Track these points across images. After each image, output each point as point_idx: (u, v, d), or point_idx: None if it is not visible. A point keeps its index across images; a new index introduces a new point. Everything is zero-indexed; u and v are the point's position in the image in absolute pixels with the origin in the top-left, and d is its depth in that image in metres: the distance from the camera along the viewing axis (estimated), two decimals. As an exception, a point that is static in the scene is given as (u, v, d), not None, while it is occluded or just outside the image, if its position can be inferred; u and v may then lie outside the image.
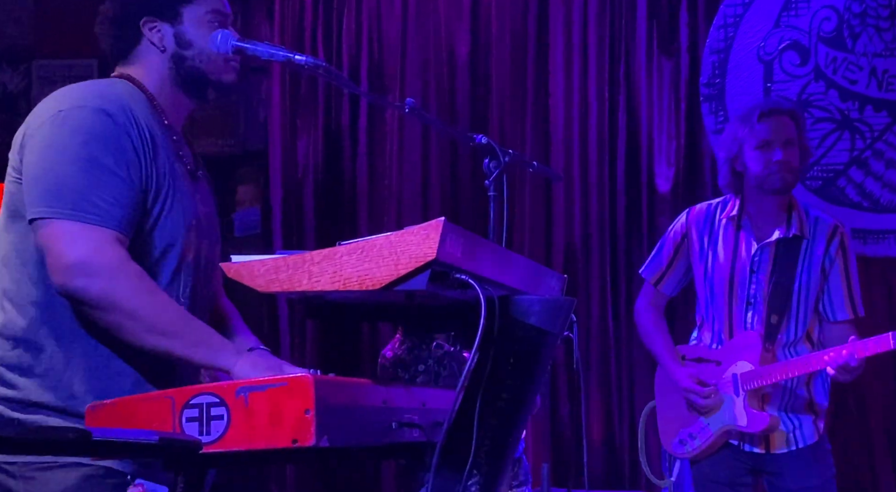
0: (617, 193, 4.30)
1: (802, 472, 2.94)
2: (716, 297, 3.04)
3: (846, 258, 2.97)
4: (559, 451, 4.20)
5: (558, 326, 1.74)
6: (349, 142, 4.62)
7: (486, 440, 1.65)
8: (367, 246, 1.49)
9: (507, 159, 2.30)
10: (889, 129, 4.01)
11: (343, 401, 1.47)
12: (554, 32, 4.41)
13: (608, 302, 4.26)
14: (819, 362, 2.84)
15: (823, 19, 4.09)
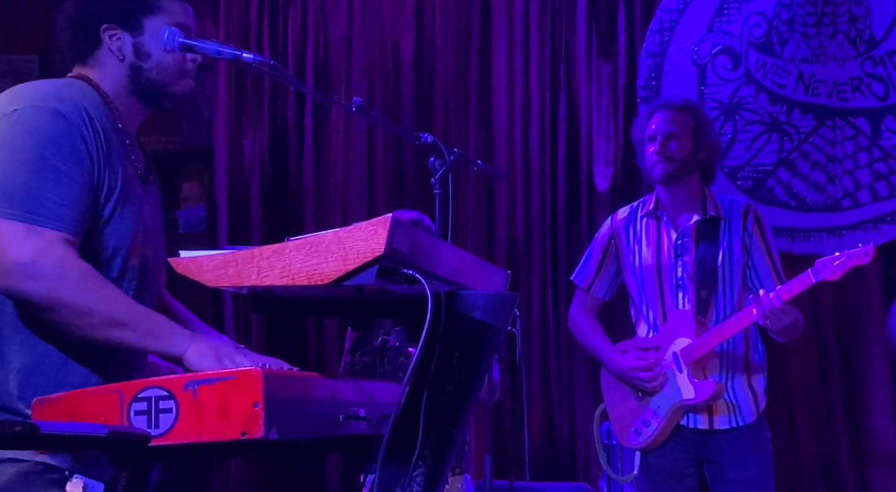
0: (557, 192, 4.33)
1: (742, 460, 2.98)
2: (646, 288, 3.11)
3: (763, 233, 3.07)
4: (501, 443, 4.22)
5: (502, 320, 1.75)
6: (295, 140, 4.58)
7: (431, 432, 1.66)
8: (316, 241, 1.49)
9: (453, 158, 2.31)
10: (815, 131, 4.08)
11: (292, 394, 1.46)
12: (497, 34, 4.42)
13: (549, 298, 4.29)
14: (749, 315, 2.90)
15: (754, 25, 4.15)
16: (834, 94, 4.04)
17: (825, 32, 4.06)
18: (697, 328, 3.00)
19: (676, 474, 3.05)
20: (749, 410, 3.01)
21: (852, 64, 4.03)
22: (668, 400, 3.02)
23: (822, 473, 3.95)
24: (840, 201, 4.03)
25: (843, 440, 3.95)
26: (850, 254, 2.85)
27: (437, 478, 1.69)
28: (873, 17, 4.02)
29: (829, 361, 3.98)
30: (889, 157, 3.99)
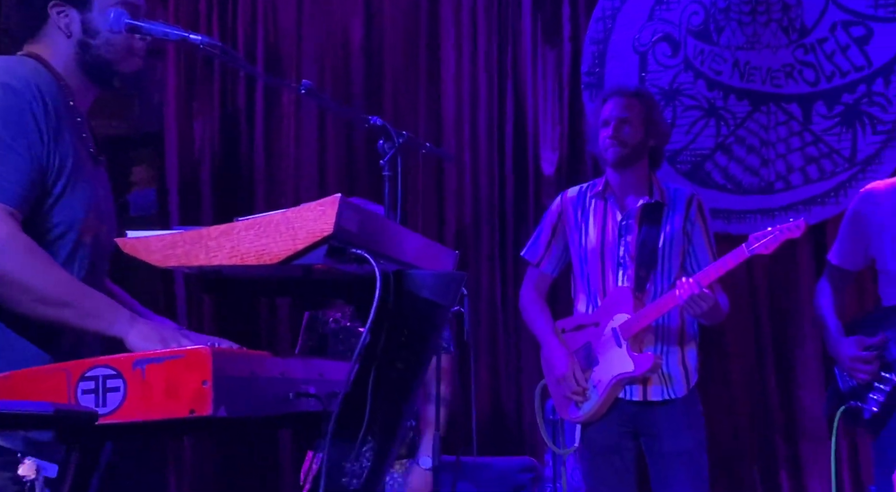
0: (505, 176, 4.33)
1: (676, 434, 3.03)
2: (589, 264, 3.14)
3: (704, 221, 3.13)
4: (451, 420, 4.22)
5: (450, 299, 1.74)
6: (246, 124, 4.52)
7: (380, 409, 1.65)
8: (265, 221, 1.47)
9: (401, 140, 2.30)
10: (750, 116, 4.12)
11: (241, 372, 1.44)
12: (445, 21, 4.40)
13: (497, 278, 4.30)
14: (672, 299, 2.94)
15: (692, 13, 4.18)
16: (768, 81, 4.09)
17: (759, 21, 4.09)
18: (635, 304, 3.03)
19: (615, 448, 3.09)
20: (681, 384, 3.05)
21: (785, 51, 4.07)
22: (608, 374, 3.05)
23: (756, 446, 4.01)
24: (773, 184, 4.08)
25: (777, 415, 4.01)
26: (782, 228, 2.89)
27: (386, 453, 1.69)
28: (804, 7, 4.06)
29: (763, 339, 4.04)
30: (819, 141, 4.04)
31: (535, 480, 3.81)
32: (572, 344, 3.17)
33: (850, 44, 4.01)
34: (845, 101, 4.01)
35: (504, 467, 3.86)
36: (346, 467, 1.64)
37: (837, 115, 4.02)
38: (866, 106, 3.99)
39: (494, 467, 3.86)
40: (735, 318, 3.89)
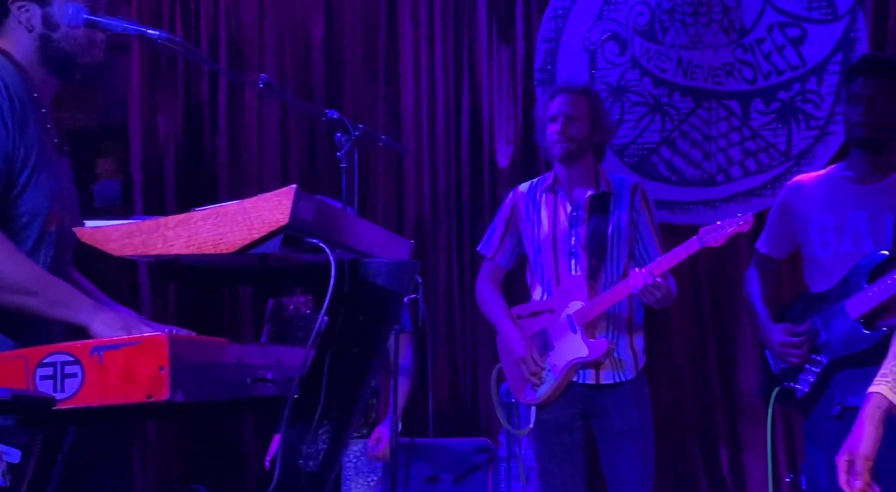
0: (462, 168, 4.33)
1: (625, 414, 3.04)
2: (542, 255, 3.15)
3: (649, 209, 3.15)
4: (408, 402, 4.22)
5: (404, 286, 1.74)
6: (209, 117, 4.48)
7: (336, 393, 1.64)
8: (222, 211, 1.46)
9: (358, 133, 2.29)
10: (693, 112, 4.14)
11: (198, 358, 1.43)
12: (403, 19, 4.38)
13: (454, 267, 4.30)
14: (627, 287, 2.96)
15: (638, 14, 4.19)
16: (709, 79, 4.11)
17: (702, 21, 4.12)
18: (589, 293, 3.04)
19: (567, 428, 3.10)
20: (630, 367, 3.07)
21: (725, 51, 4.10)
22: (563, 358, 3.06)
23: (699, 425, 4.05)
24: (715, 176, 4.11)
25: (718, 395, 4.05)
26: (731, 222, 2.92)
27: (342, 435, 1.68)
28: (744, 8, 4.09)
29: (705, 325, 4.08)
30: (757, 136, 4.08)
31: (490, 460, 3.82)
32: (528, 330, 3.17)
33: (786, 44, 4.04)
34: (781, 99, 4.04)
35: (460, 447, 3.87)
36: (302, 449, 1.63)
37: (774, 112, 4.05)
38: (800, 103, 4.02)
39: (451, 448, 3.87)
40: (679, 303, 3.92)
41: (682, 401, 4.04)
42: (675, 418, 3.98)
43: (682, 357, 4.08)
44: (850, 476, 1.84)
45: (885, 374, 1.87)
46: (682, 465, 4.00)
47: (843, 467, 1.84)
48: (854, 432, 1.86)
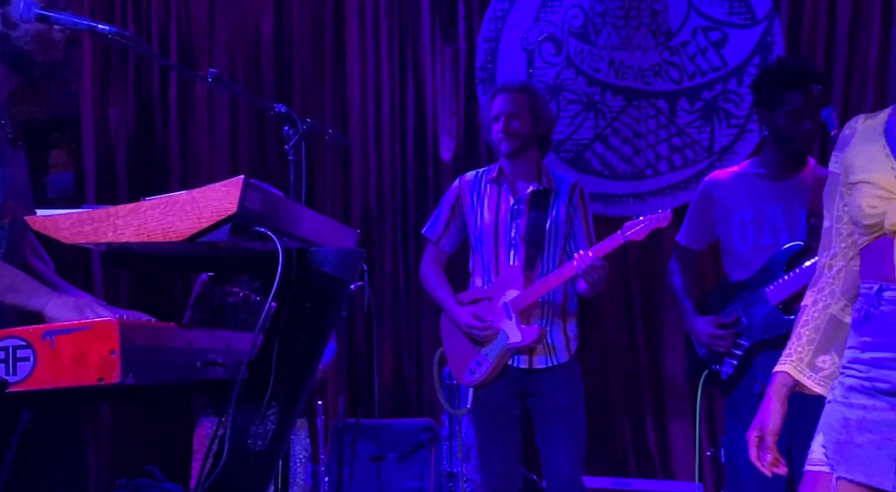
0: (407, 161, 4.33)
1: (557, 393, 3.07)
2: (484, 244, 3.16)
3: (585, 206, 3.18)
4: (355, 386, 4.22)
5: (350, 274, 1.73)
6: (160, 111, 4.40)
7: (284, 376, 1.63)
8: (171, 201, 1.44)
9: (305, 127, 2.26)
10: (624, 110, 4.18)
11: (149, 342, 1.41)
12: (349, 18, 4.35)
13: (399, 256, 4.30)
14: (570, 269, 3.00)
15: (573, 16, 4.21)
16: (639, 79, 4.15)
17: (632, 24, 4.15)
18: (525, 282, 3.07)
19: (503, 407, 3.12)
20: (563, 352, 3.10)
21: (653, 52, 4.13)
22: (500, 344, 3.08)
23: (628, 404, 4.11)
24: (644, 171, 4.15)
25: (645, 377, 4.12)
26: (651, 218, 2.96)
27: (289, 417, 1.68)
28: (670, 13, 4.12)
29: (634, 311, 4.13)
30: (683, 133, 4.13)
31: (432, 439, 3.83)
32: (468, 316, 3.19)
33: (709, 47, 4.09)
34: (705, 98, 4.09)
35: (404, 427, 3.88)
36: (251, 429, 1.62)
37: (698, 111, 4.10)
38: (722, 102, 4.08)
39: (395, 427, 3.88)
40: (610, 290, 3.98)
41: (613, 382, 4.09)
42: (605, 398, 4.03)
43: (613, 342, 4.13)
44: (760, 451, 1.87)
45: (789, 354, 1.89)
46: (612, 441, 4.05)
47: (754, 443, 1.87)
48: (762, 409, 1.88)
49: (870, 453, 1.72)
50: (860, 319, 1.80)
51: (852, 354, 1.80)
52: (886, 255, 1.74)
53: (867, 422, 1.73)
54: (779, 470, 1.87)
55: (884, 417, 1.72)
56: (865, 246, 1.81)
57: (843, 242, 1.89)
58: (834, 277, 1.90)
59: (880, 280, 1.76)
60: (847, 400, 1.77)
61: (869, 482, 1.71)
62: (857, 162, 1.82)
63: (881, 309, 1.75)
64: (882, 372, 1.73)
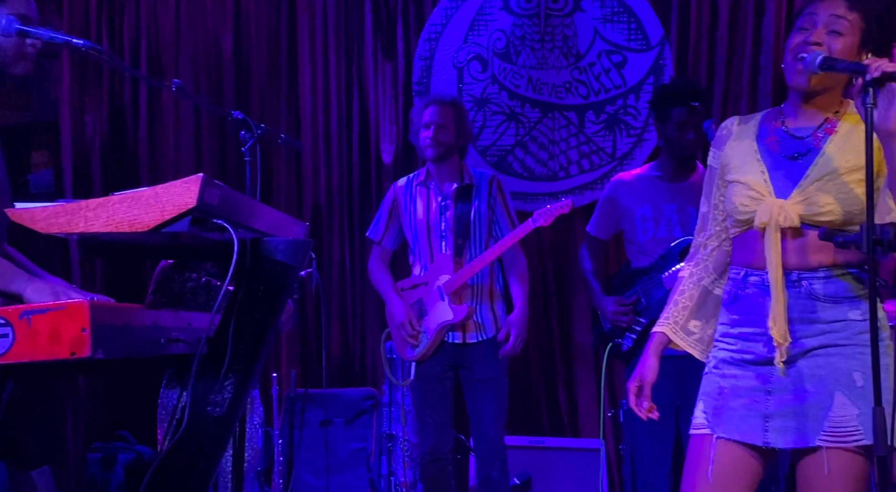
0: (352, 163, 4.30)
1: (485, 364, 3.11)
2: (419, 238, 3.17)
3: (503, 196, 3.21)
4: (306, 360, 4.20)
5: (299, 261, 1.73)
6: (131, 117, 4.31)
7: (240, 351, 1.62)
8: (137, 195, 1.42)
9: (259, 132, 2.25)
10: (540, 121, 4.20)
11: (117, 321, 1.39)
12: (301, 35, 4.31)
13: (346, 246, 4.28)
14: (492, 253, 3.05)
15: (497, 39, 4.23)
16: (553, 94, 4.18)
17: (546, 47, 4.18)
18: (455, 267, 3.09)
19: (439, 378, 3.15)
20: (491, 328, 3.13)
21: (565, 71, 4.16)
22: (434, 322, 3.10)
23: (543, 372, 4.15)
24: (557, 173, 4.18)
25: (558, 349, 4.16)
26: (555, 206, 3.05)
27: (245, 387, 1.67)
28: (579, 38, 4.15)
29: (548, 292, 4.17)
30: (590, 141, 4.17)
31: (375, 405, 3.83)
32: (409, 299, 3.20)
33: (612, 68, 4.14)
34: (608, 111, 4.14)
35: (350, 396, 3.87)
36: (210, 397, 1.61)
37: (602, 122, 4.14)
38: (623, 115, 4.13)
39: (342, 396, 3.87)
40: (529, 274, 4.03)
41: (530, 353, 4.14)
42: (524, 367, 4.08)
43: (531, 318, 4.17)
44: (639, 399, 1.92)
45: (667, 317, 1.93)
46: (529, 405, 4.09)
47: (634, 392, 1.91)
48: (641, 364, 1.92)
49: (742, 414, 1.76)
50: (729, 300, 1.84)
51: (723, 330, 1.84)
52: (753, 246, 1.78)
53: (738, 389, 1.78)
54: (653, 415, 1.91)
55: (751, 383, 1.76)
56: (736, 236, 1.87)
57: (718, 226, 1.93)
58: (708, 255, 1.94)
59: (746, 267, 1.80)
60: (720, 371, 1.81)
61: (742, 440, 1.76)
62: (732, 162, 1.86)
63: (747, 291, 1.79)
64: (748, 344, 1.77)
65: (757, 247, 1.77)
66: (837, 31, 1.74)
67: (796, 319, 1.75)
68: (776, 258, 1.73)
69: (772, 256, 1.74)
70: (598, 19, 4.13)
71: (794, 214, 1.73)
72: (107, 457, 3.25)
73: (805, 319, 1.74)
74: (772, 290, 1.74)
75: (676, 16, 4.07)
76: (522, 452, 3.58)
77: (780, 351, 1.74)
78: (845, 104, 1.82)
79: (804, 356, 1.74)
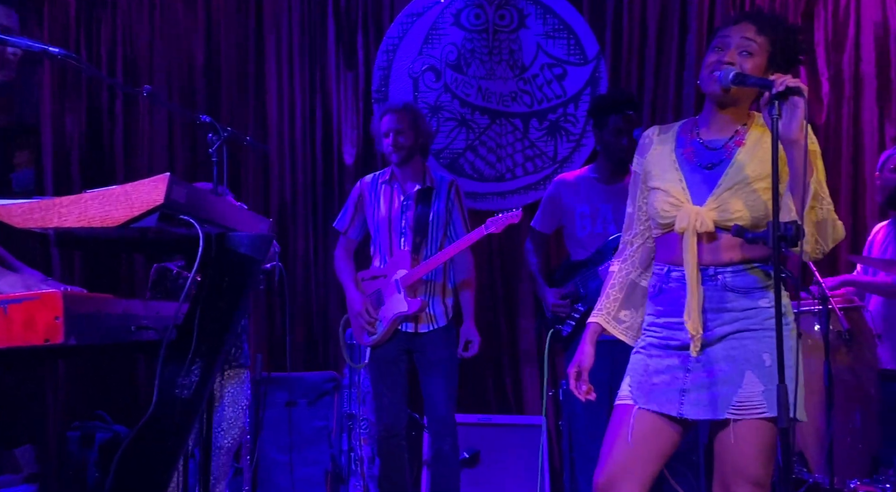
0: (316, 165, 4.28)
1: (437, 348, 3.13)
2: (380, 232, 3.18)
3: (460, 200, 3.24)
4: (273, 346, 4.17)
5: (262, 253, 1.72)
6: (108, 121, 4.23)
7: (206, 337, 1.62)
8: (108, 193, 1.41)
9: (226, 134, 2.24)
10: (489, 127, 4.22)
11: (88, 310, 1.38)
12: (268, 47, 4.27)
13: (311, 241, 4.25)
14: (447, 253, 3.07)
15: (449, 52, 4.24)
16: (500, 103, 4.20)
17: (494, 60, 4.20)
18: (412, 263, 3.10)
19: (394, 361, 3.16)
20: (442, 318, 3.16)
21: (511, 82, 4.19)
22: (390, 312, 3.11)
23: (491, 357, 4.16)
24: (504, 175, 4.21)
25: (504, 333, 4.19)
26: (507, 215, 3.07)
27: (211, 370, 1.66)
28: (524, 52, 4.18)
29: (496, 282, 4.21)
30: (534, 146, 4.20)
31: (336, 387, 3.83)
32: (368, 289, 3.21)
33: (553, 79, 4.18)
34: (550, 119, 4.17)
35: (313, 379, 3.86)
36: (178, 380, 1.60)
37: (545, 129, 4.18)
38: (563, 123, 4.17)
39: (305, 378, 3.86)
40: (477, 268, 4.06)
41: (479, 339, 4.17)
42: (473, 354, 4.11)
43: (479, 306, 4.19)
44: (578, 382, 1.97)
45: (600, 308, 2.00)
46: (478, 386, 4.12)
47: (573, 376, 1.97)
48: (579, 352, 1.98)
49: (662, 389, 1.83)
50: (655, 293, 1.90)
51: (650, 320, 1.90)
52: (674, 245, 1.84)
53: (661, 368, 1.85)
54: (590, 396, 1.96)
55: (673, 363, 1.84)
56: (658, 236, 1.92)
57: (642, 226, 2.00)
58: (634, 252, 2.01)
59: (669, 264, 1.87)
60: (648, 352, 1.88)
61: (660, 410, 1.83)
62: (654, 171, 1.92)
63: (670, 285, 1.86)
64: (672, 332, 1.84)
65: (677, 246, 1.83)
66: (748, 52, 1.80)
67: (714, 308, 1.81)
68: (692, 259, 1.79)
69: (689, 257, 1.80)
70: (541, 35, 4.17)
71: (710, 219, 1.79)
72: (85, 436, 3.19)
73: (722, 308, 1.80)
74: (688, 287, 1.80)
75: (610, 33, 4.14)
76: (471, 428, 3.61)
77: (693, 342, 1.80)
78: (752, 116, 1.89)
79: (722, 340, 1.80)
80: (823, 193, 1.73)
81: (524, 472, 3.52)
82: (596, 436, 3.07)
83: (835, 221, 1.75)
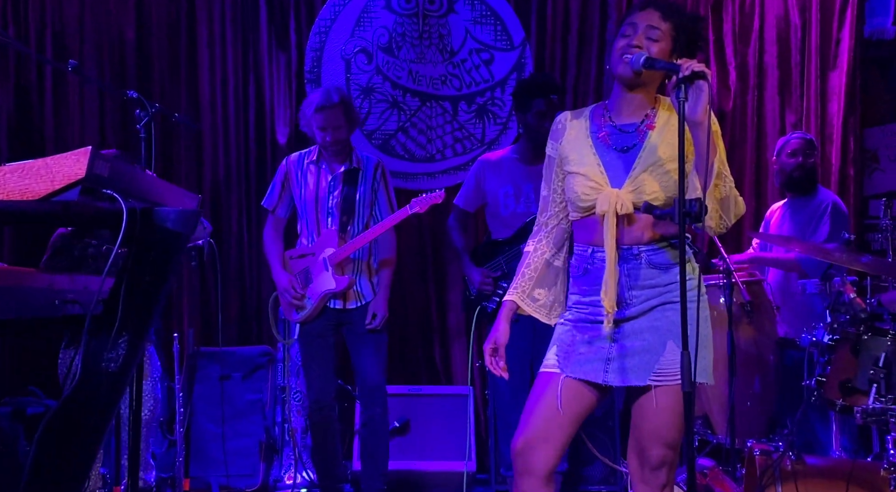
0: (249, 144, 4.20)
1: (365, 321, 3.13)
2: (307, 211, 3.15)
3: (386, 181, 3.23)
4: (207, 321, 4.09)
5: (189, 228, 1.68)
6: (37, 96, 4.03)
7: (132, 311, 1.58)
8: (28, 166, 1.35)
9: (154, 110, 2.17)
10: (419, 109, 4.22)
11: (9, 283, 1.32)
12: (200, 26, 4.14)
13: (244, 218, 4.18)
14: (373, 233, 3.07)
15: (380, 35, 4.21)
16: (431, 86, 4.21)
17: (425, 44, 4.19)
18: (339, 241, 3.09)
19: (323, 335, 3.16)
20: (369, 294, 3.16)
21: (441, 66, 4.20)
22: (318, 289, 3.10)
23: (421, 330, 4.20)
24: (434, 156, 4.22)
25: (434, 306, 4.22)
26: (430, 196, 3.09)
27: (138, 345, 1.62)
28: (453, 37, 4.19)
29: (426, 259, 4.23)
30: (462, 128, 4.23)
31: (269, 361, 3.80)
32: (296, 267, 3.18)
33: (481, 64, 4.20)
34: (478, 102, 4.20)
35: (247, 353, 3.82)
36: (104, 354, 1.56)
37: (473, 112, 4.20)
38: (491, 106, 4.21)
39: (239, 353, 3.81)
40: (408, 246, 4.08)
41: (409, 312, 4.19)
42: (403, 324, 4.13)
43: (409, 285, 4.23)
44: (494, 358, 1.97)
45: (515, 287, 2.01)
46: (408, 358, 4.16)
47: (489, 352, 1.97)
48: (495, 329, 1.98)
49: (588, 357, 1.87)
50: (580, 273, 1.92)
51: (576, 298, 1.92)
52: (594, 228, 1.87)
53: (587, 338, 1.89)
54: (504, 374, 1.96)
55: (597, 335, 1.87)
56: (577, 220, 1.95)
57: (557, 208, 2.03)
58: (549, 233, 2.04)
59: (592, 245, 1.89)
60: (575, 325, 1.91)
61: (586, 378, 1.87)
62: (571, 156, 1.94)
63: (594, 265, 1.88)
64: (597, 309, 1.87)
65: (598, 229, 1.86)
66: (653, 38, 1.85)
67: (640, 285, 1.85)
68: (612, 240, 1.83)
69: (608, 238, 1.83)
70: (469, 21, 4.18)
71: (629, 201, 1.84)
72: (16, 410, 3.08)
73: (646, 284, 1.85)
74: (607, 266, 1.83)
75: (535, 21, 4.18)
76: (402, 399, 3.64)
77: (607, 317, 1.84)
78: (659, 99, 1.94)
79: (648, 313, 1.85)
80: (726, 172, 1.80)
81: (452, 439, 3.57)
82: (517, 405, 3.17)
83: (736, 197, 1.83)
